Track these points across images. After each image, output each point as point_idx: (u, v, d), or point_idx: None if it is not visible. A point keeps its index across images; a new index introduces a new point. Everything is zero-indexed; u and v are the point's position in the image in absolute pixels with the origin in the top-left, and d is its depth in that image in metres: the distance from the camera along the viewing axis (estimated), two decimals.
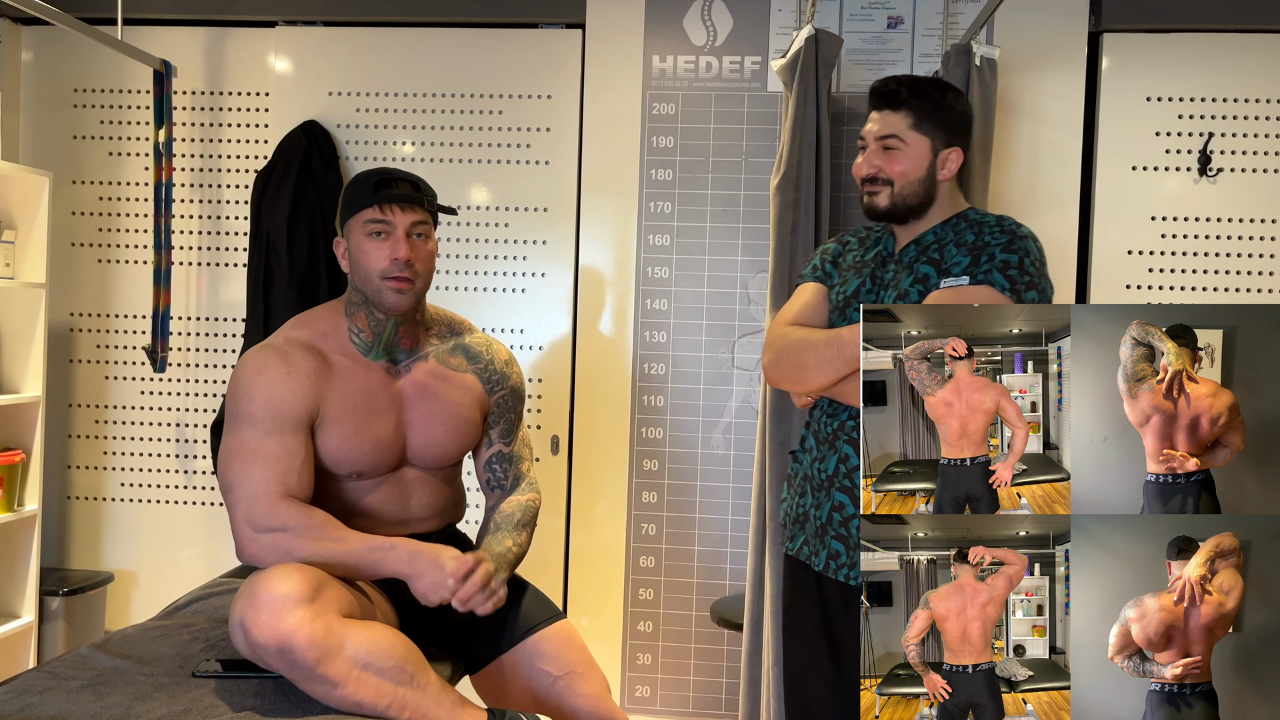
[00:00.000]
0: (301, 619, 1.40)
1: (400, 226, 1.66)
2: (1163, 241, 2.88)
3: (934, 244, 1.75)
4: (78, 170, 3.19)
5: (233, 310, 3.14)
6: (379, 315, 1.71)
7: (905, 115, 1.73)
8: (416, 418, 1.75)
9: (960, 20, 2.87)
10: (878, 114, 1.77)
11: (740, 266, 2.94)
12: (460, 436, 1.79)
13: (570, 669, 1.74)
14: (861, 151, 1.79)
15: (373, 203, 1.65)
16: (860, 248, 1.88)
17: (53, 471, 3.18)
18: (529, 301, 3.05)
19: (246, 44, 3.12)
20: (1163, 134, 2.87)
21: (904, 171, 1.73)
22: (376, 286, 1.67)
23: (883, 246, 1.84)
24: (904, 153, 1.73)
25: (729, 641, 2.94)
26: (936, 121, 1.74)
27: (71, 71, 3.18)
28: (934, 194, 1.76)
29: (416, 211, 1.67)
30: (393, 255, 1.64)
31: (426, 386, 1.76)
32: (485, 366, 1.85)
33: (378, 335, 1.73)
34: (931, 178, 1.75)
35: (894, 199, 1.74)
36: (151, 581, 3.18)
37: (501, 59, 3.03)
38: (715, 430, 2.96)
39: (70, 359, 3.20)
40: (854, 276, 1.82)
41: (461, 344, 1.85)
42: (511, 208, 3.05)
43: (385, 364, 1.75)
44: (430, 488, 1.79)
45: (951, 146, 1.75)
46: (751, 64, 2.94)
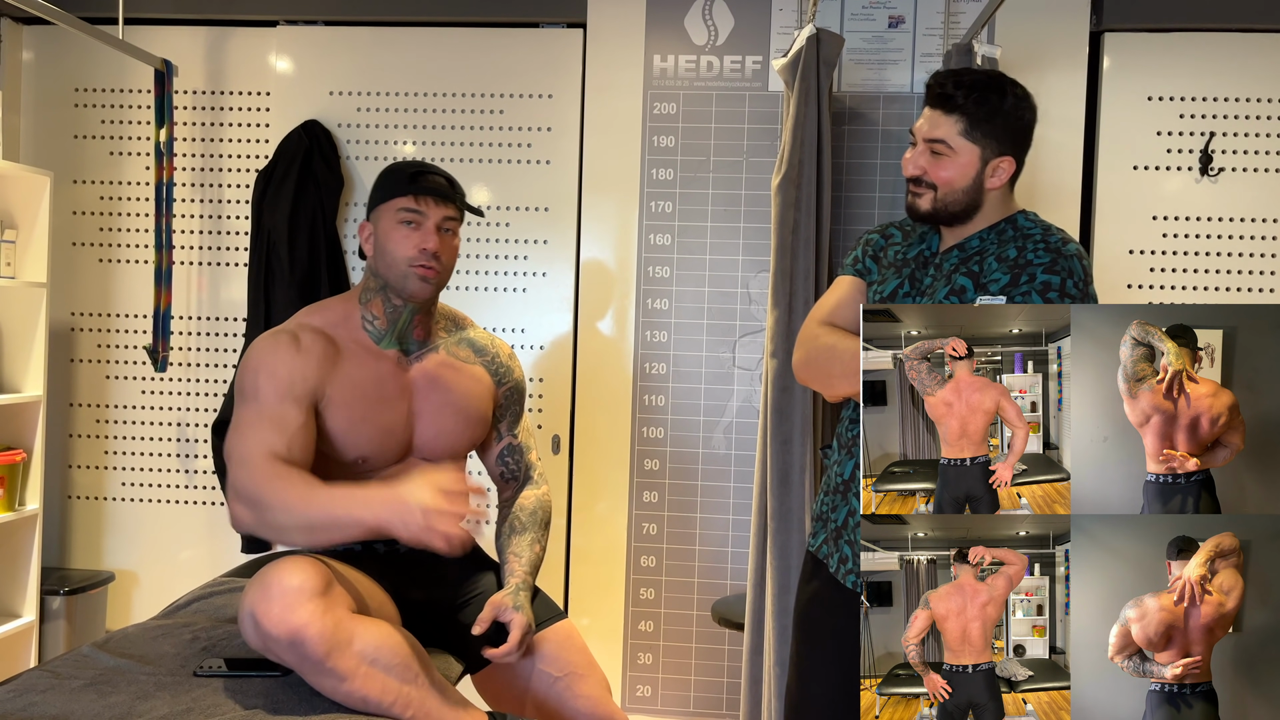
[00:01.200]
0: (314, 611, 1.41)
1: (432, 219, 1.68)
2: (1164, 241, 2.88)
3: (976, 252, 1.69)
4: (79, 170, 3.19)
5: (234, 310, 3.14)
6: (396, 302, 1.72)
7: (958, 120, 1.64)
8: (427, 408, 1.76)
9: (961, 20, 2.87)
10: (930, 112, 1.68)
11: (741, 266, 2.94)
12: (470, 428, 1.81)
13: (570, 670, 1.74)
14: (911, 147, 1.72)
15: (409, 192, 1.68)
16: (903, 242, 1.81)
17: (54, 471, 3.18)
18: (530, 301, 3.05)
19: (247, 43, 3.12)
20: (1164, 133, 2.87)
21: (949, 179, 1.66)
22: (403, 272, 1.68)
23: (926, 245, 1.77)
24: (951, 159, 1.65)
25: (730, 641, 2.94)
26: (990, 130, 1.64)
27: (72, 71, 3.18)
28: (980, 201, 1.68)
29: (449, 207, 1.70)
30: (421, 245, 1.67)
31: (438, 377, 1.78)
32: (492, 359, 1.88)
33: (393, 322, 1.74)
34: (978, 186, 1.67)
35: (936, 204, 1.68)
36: (152, 581, 3.18)
37: (502, 58, 3.03)
38: (716, 430, 2.96)
39: (71, 358, 3.20)
40: (893, 276, 1.76)
41: (466, 338, 1.87)
42: (513, 207, 3.05)
43: (396, 353, 1.76)
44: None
45: (1004, 155, 1.66)
46: (753, 63, 2.94)
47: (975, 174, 1.65)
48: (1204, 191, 2.87)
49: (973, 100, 1.63)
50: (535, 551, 1.83)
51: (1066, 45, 2.84)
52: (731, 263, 2.94)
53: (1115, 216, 2.88)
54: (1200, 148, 2.86)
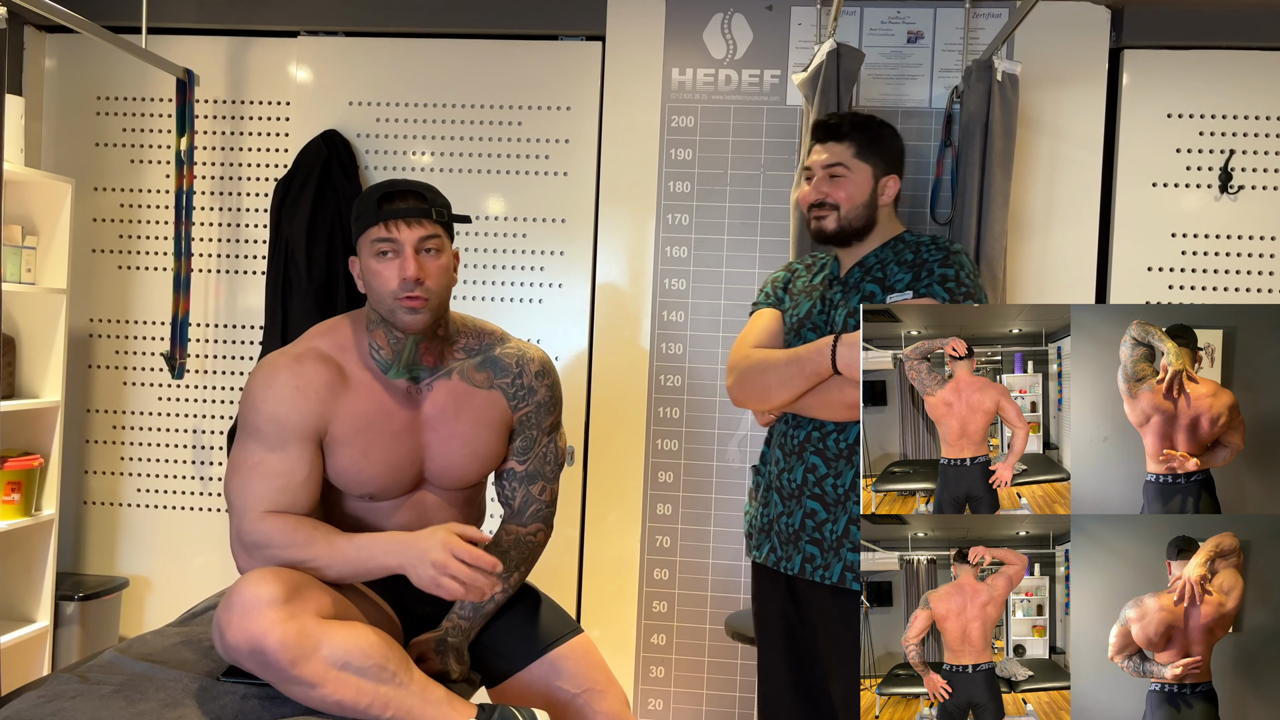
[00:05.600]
0: (274, 620, 1.39)
1: (408, 244, 1.58)
2: (1183, 258, 2.87)
3: (876, 265, 1.90)
4: (99, 177, 3.21)
5: (251, 318, 3.15)
6: (398, 334, 1.65)
7: (848, 145, 1.90)
8: (435, 440, 1.69)
9: (981, 35, 2.87)
10: (822, 145, 1.93)
11: (758, 280, 2.94)
12: (480, 460, 1.74)
13: (589, 686, 1.73)
14: (808, 182, 1.95)
15: (377, 220, 1.58)
16: (808, 274, 2.03)
17: (70, 476, 3.19)
18: (546, 312, 3.06)
19: (268, 54, 3.14)
20: (1183, 150, 2.86)
21: (849, 196, 1.89)
22: (390, 307, 1.60)
23: (829, 271, 1.99)
24: (849, 179, 1.89)
25: (743, 655, 2.93)
26: (875, 151, 1.91)
27: (94, 79, 3.20)
28: (875, 218, 1.91)
29: (424, 225, 1.59)
30: (401, 275, 1.57)
31: (447, 408, 1.70)
32: (513, 380, 1.76)
33: (398, 354, 1.66)
34: (873, 202, 1.90)
35: (840, 222, 1.89)
36: (166, 587, 3.19)
37: (521, 71, 3.04)
38: (730, 443, 2.96)
39: (89, 364, 3.21)
40: (805, 300, 1.97)
41: (490, 356, 1.76)
42: (529, 218, 3.06)
43: (406, 383, 1.69)
44: (450, 511, 1.75)
45: (890, 174, 1.92)
46: (771, 77, 2.94)
47: (870, 190, 1.90)
48: (1223, 209, 2.86)
49: (857, 128, 1.91)
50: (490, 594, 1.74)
51: (1086, 62, 2.84)
52: (748, 276, 2.94)
53: (1134, 233, 2.87)
54: (1220, 165, 2.85)
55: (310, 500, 1.61)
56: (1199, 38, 2.83)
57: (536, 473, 1.80)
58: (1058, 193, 2.85)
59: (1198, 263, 2.86)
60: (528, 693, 1.74)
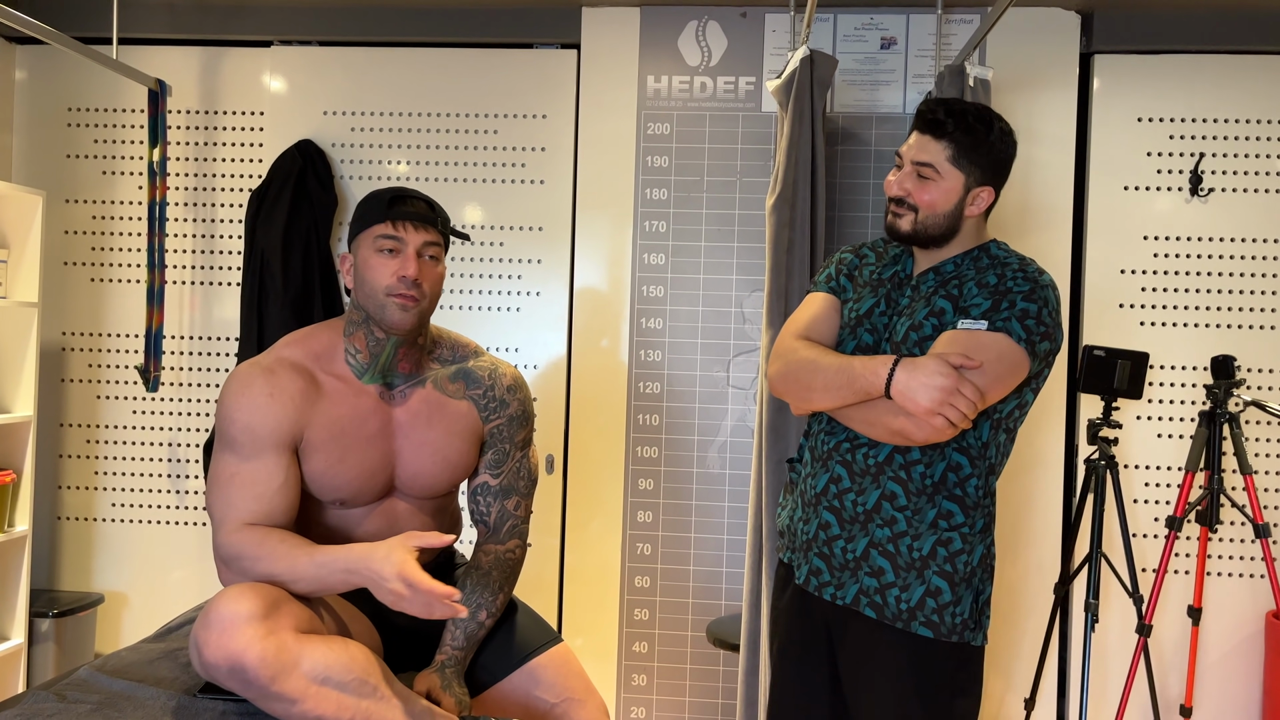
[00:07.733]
0: (252, 637, 1.37)
1: (411, 245, 1.62)
2: (1155, 261, 2.90)
3: (954, 276, 1.71)
4: (71, 189, 3.18)
5: (226, 329, 3.13)
6: (379, 335, 1.65)
7: (946, 146, 1.68)
8: (406, 447, 1.69)
9: (953, 41, 2.89)
10: (919, 137, 1.71)
11: (735, 285, 2.94)
12: (450, 468, 1.73)
13: (568, 695, 1.72)
14: (895, 168, 1.75)
15: (386, 218, 1.61)
16: (877, 262, 1.83)
17: (43, 492, 3.15)
18: (524, 320, 3.05)
19: (242, 63, 3.13)
20: (1154, 154, 2.89)
21: (932, 201, 1.69)
22: (381, 302, 1.61)
23: (901, 267, 1.79)
24: (936, 184, 1.69)
25: (725, 662, 2.93)
26: (975, 159, 1.69)
27: (66, 90, 3.18)
28: (957, 227, 1.72)
29: (429, 232, 1.63)
30: (400, 272, 1.60)
31: (419, 414, 1.70)
32: (485, 393, 1.76)
33: (375, 356, 1.66)
34: (958, 212, 1.70)
35: (917, 225, 1.70)
36: (142, 603, 3.15)
37: (497, 79, 3.04)
38: (711, 449, 2.96)
39: (62, 378, 3.18)
40: (869, 295, 1.78)
41: (464, 369, 1.77)
42: (506, 227, 3.05)
43: (379, 388, 1.68)
44: (421, 518, 1.74)
45: (985, 185, 1.70)
46: (746, 84, 2.95)
47: (957, 200, 1.69)
48: (1194, 211, 2.89)
49: (962, 129, 1.67)
50: (479, 619, 1.71)
51: (1057, 67, 2.87)
52: (725, 282, 2.95)
53: (1106, 236, 2.90)
54: (1190, 168, 2.88)
55: (288, 509, 1.60)
56: (1168, 42, 2.87)
57: (510, 488, 1.79)
58: (1031, 196, 2.88)
59: (1169, 265, 2.89)
60: (507, 703, 1.73)
